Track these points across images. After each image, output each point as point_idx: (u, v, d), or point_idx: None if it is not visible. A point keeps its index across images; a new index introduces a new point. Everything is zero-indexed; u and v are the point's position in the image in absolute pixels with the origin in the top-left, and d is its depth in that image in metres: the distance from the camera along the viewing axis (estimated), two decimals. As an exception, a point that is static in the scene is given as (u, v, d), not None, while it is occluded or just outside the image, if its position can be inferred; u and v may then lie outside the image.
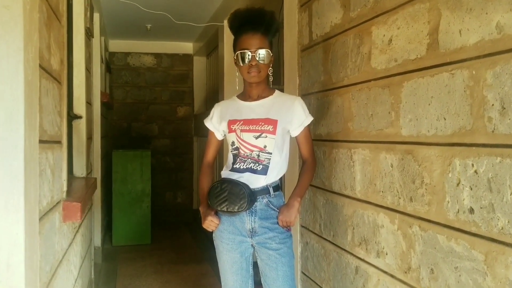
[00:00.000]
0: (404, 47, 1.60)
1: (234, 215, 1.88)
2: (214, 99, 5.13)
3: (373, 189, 1.81)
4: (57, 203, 1.73)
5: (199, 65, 6.46)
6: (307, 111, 1.95)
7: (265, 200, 1.88)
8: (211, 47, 5.58)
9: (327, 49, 2.20)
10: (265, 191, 1.88)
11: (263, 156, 1.88)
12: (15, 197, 1.09)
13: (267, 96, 1.96)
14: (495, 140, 1.22)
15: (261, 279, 1.93)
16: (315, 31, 2.35)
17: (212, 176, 2.09)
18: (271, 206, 1.88)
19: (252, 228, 1.88)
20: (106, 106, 5.07)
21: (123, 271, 4.13)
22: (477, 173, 1.28)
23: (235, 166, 1.92)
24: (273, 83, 1.99)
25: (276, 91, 1.99)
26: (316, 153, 2.25)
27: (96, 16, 4.02)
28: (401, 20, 1.61)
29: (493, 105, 1.22)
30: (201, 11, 4.51)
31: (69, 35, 2.65)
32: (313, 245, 2.40)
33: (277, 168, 1.91)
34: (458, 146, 1.35)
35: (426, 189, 1.49)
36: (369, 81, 1.83)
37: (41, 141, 1.39)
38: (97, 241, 4.24)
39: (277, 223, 1.87)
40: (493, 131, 1.22)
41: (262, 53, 1.86)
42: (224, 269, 1.96)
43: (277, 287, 1.86)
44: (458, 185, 1.35)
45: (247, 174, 1.89)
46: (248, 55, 1.85)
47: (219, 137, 2.06)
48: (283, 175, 2.03)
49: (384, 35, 1.72)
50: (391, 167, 1.69)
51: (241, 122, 1.92)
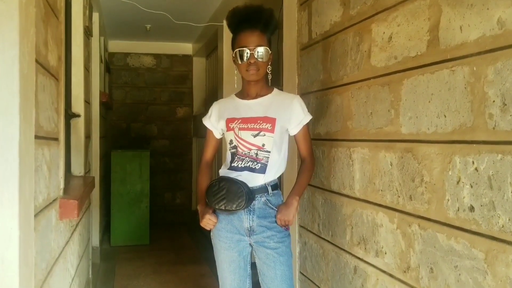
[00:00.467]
0: (404, 44, 1.59)
1: (232, 214, 1.87)
2: (213, 100, 5.06)
3: (372, 188, 1.80)
4: (54, 200, 1.72)
5: (199, 66, 6.45)
6: (306, 109, 1.93)
7: (264, 198, 1.87)
8: (211, 48, 5.58)
9: (327, 48, 2.19)
10: (263, 189, 1.87)
11: (261, 154, 1.87)
12: (10, 190, 1.08)
13: (266, 94, 1.94)
14: (496, 137, 1.20)
15: (259, 279, 1.92)
16: (315, 30, 2.34)
17: (210, 174, 2.07)
18: (269, 204, 1.87)
19: (250, 226, 1.87)
20: (105, 106, 5.06)
21: (121, 271, 4.12)
22: (477, 171, 1.26)
23: (233, 164, 1.91)
24: (272, 83, 1.98)
25: (274, 89, 1.98)
26: (315, 152, 2.24)
27: (95, 15, 4.02)
28: (401, 17, 1.60)
29: (494, 101, 1.21)
30: (200, 11, 4.51)
31: (68, 33, 2.64)
32: (312, 245, 2.39)
33: (276, 166, 1.89)
34: (458, 143, 1.33)
35: (425, 188, 1.48)
36: (369, 79, 1.82)
37: (37, 137, 1.38)
38: (96, 241, 4.22)
39: (275, 222, 1.86)
40: (494, 128, 1.21)
41: (260, 50, 1.84)
42: (221, 268, 1.94)
43: (275, 287, 1.85)
44: (458, 183, 1.33)
45: (246, 172, 1.87)
46: (246, 52, 1.84)
47: (218, 135, 2.04)
48: (282, 174, 2.01)
49: (384, 33, 1.71)
50: (391, 166, 1.67)
51: (239, 120, 1.90)
